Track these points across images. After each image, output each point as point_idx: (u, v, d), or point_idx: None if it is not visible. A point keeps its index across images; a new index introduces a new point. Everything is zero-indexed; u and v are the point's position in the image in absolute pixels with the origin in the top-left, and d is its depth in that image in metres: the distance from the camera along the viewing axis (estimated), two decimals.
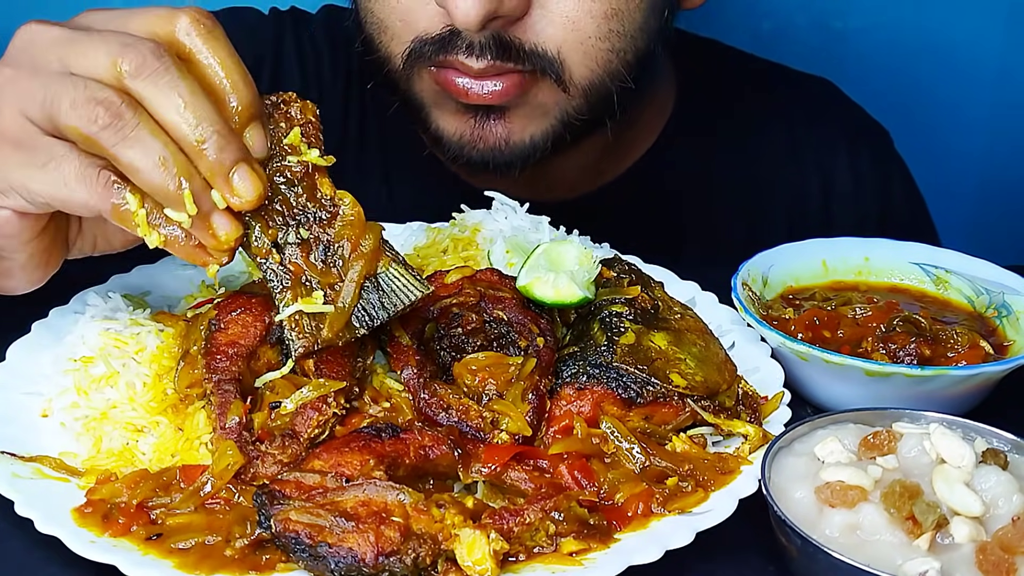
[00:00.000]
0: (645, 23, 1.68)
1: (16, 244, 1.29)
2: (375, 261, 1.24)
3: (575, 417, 1.28)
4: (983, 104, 2.62)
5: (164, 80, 1.17)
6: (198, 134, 1.17)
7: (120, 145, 1.17)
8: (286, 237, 1.24)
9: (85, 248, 1.39)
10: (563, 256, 1.42)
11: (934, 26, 2.57)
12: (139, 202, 1.19)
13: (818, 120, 2.08)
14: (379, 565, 1.07)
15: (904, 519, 1.10)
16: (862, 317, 1.46)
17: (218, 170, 1.19)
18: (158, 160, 1.17)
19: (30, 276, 1.35)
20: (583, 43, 1.62)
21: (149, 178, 1.17)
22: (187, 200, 1.18)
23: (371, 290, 1.23)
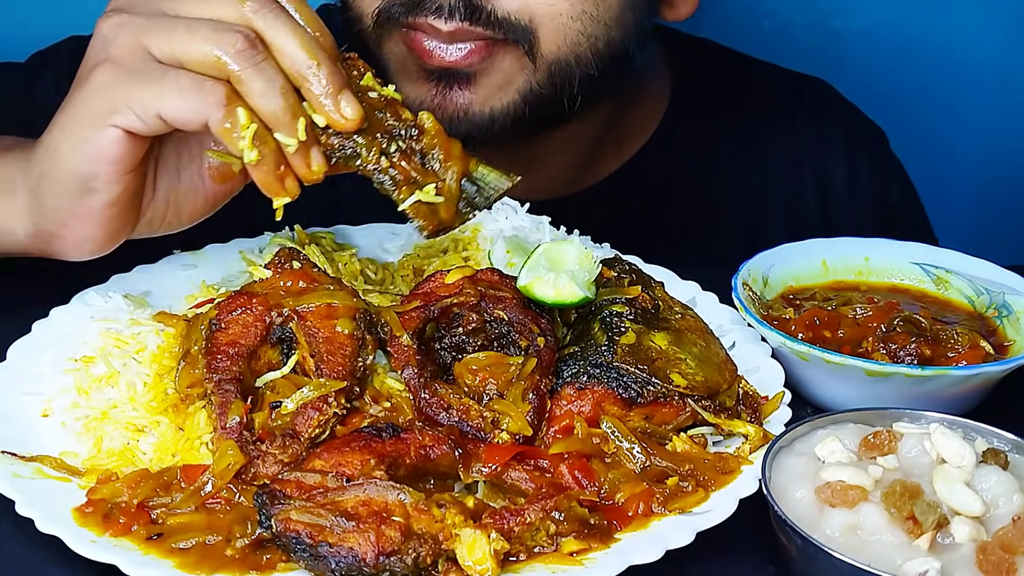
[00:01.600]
0: (621, 15, 1.68)
1: (113, 174, 1.33)
2: (466, 162, 1.40)
3: (575, 417, 1.28)
4: (983, 104, 2.62)
5: (282, 18, 1.31)
6: (311, 64, 1.30)
7: (251, 70, 1.28)
8: (387, 149, 1.38)
9: (155, 219, 1.42)
10: (564, 256, 1.42)
11: (934, 26, 2.56)
12: (249, 119, 1.29)
13: (815, 121, 2.08)
14: (380, 565, 1.07)
15: (904, 519, 1.10)
16: (862, 317, 1.46)
17: (328, 95, 1.31)
18: (280, 88, 1.29)
19: (103, 229, 1.37)
20: (554, 19, 1.62)
21: (271, 103, 1.29)
22: (300, 126, 1.30)
23: (468, 185, 1.40)
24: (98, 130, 1.31)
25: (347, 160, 1.36)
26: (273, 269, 1.41)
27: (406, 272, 1.61)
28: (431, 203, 1.37)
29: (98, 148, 1.31)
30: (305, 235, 1.62)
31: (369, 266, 1.62)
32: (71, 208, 1.36)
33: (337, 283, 1.40)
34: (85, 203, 1.35)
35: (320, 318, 1.32)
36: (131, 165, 1.34)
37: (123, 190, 1.35)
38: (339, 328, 1.31)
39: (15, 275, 1.63)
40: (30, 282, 1.58)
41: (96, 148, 1.31)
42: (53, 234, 1.39)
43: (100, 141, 1.31)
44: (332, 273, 1.51)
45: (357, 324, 1.32)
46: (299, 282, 1.38)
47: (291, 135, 1.30)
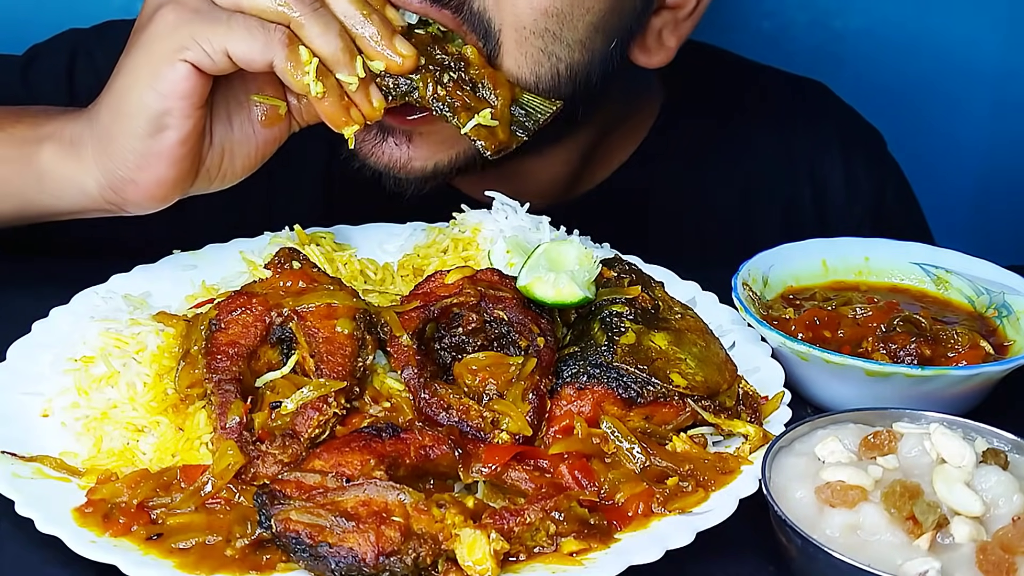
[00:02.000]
0: (587, 39, 1.62)
1: (185, 108, 1.40)
2: (512, 89, 1.54)
3: (575, 417, 1.28)
4: (983, 104, 2.61)
5: None
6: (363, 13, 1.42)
7: (311, 15, 1.39)
8: (440, 79, 1.49)
9: (212, 168, 1.49)
10: (563, 256, 1.42)
11: (934, 26, 2.56)
12: (310, 57, 1.40)
13: (811, 124, 2.07)
14: (379, 565, 1.07)
15: (904, 519, 1.10)
16: (862, 317, 1.46)
17: (383, 38, 1.43)
18: (337, 31, 1.41)
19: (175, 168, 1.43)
20: (518, 31, 1.57)
21: (331, 43, 1.40)
22: (359, 64, 1.42)
23: (516, 110, 1.53)
24: (170, 66, 1.38)
25: (404, 95, 1.47)
26: (273, 269, 1.41)
27: (406, 272, 1.61)
28: (489, 126, 1.48)
29: (171, 84, 1.38)
30: (305, 235, 1.62)
31: (369, 266, 1.62)
32: (145, 148, 1.41)
33: (337, 283, 1.40)
34: (159, 141, 1.41)
35: (320, 318, 1.32)
36: (200, 101, 1.41)
37: (193, 127, 1.42)
38: (339, 328, 1.31)
39: (15, 275, 1.63)
40: (30, 282, 1.59)
41: (168, 84, 1.38)
42: (126, 180, 1.44)
43: (172, 76, 1.38)
44: (332, 273, 1.52)
45: (357, 324, 1.32)
46: (299, 282, 1.38)
47: (351, 73, 1.41)
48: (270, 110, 1.49)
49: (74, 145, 1.47)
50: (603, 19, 1.64)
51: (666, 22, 1.77)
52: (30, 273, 1.65)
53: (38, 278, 1.61)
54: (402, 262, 1.63)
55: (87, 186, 1.47)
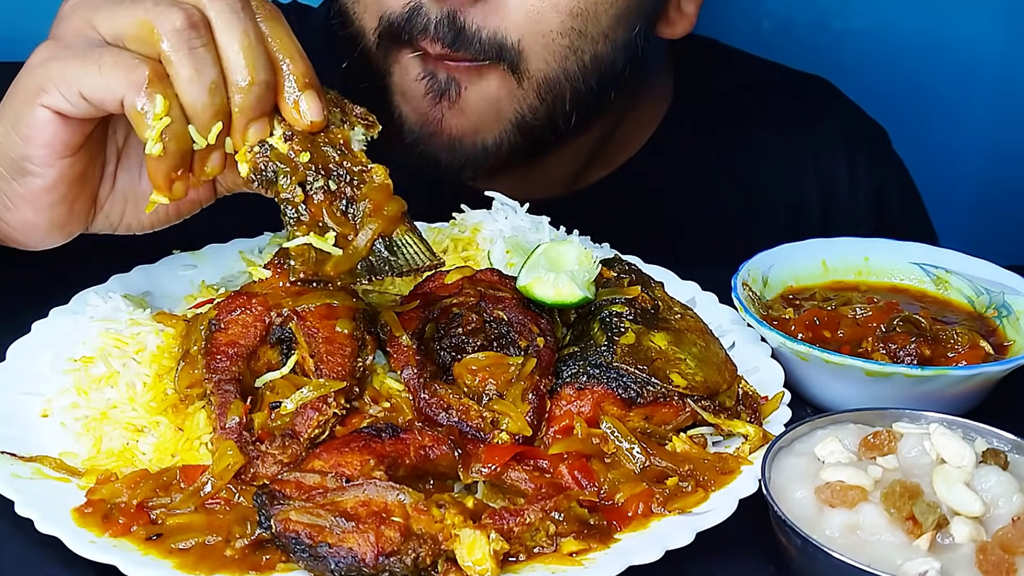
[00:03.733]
0: (611, 30, 1.67)
1: (46, 157, 1.28)
2: (393, 225, 1.31)
3: (575, 417, 1.28)
4: (983, 104, 2.61)
5: (239, 14, 1.24)
6: (252, 75, 1.25)
7: (185, 54, 1.22)
8: (314, 183, 1.30)
9: (112, 215, 1.38)
10: (563, 256, 1.42)
11: (934, 26, 2.56)
12: (165, 108, 1.23)
13: (816, 120, 2.08)
14: (379, 565, 1.07)
15: (904, 519, 1.10)
16: (862, 317, 1.46)
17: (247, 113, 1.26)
18: (209, 84, 1.23)
19: (44, 215, 1.32)
20: (544, 35, 1.62)
21: (195, 93, 1.23)
22: (214, 131, 1.26)
23: (382, 248, 1.30)
24: (29, 110, 1.26)
25: (267, 183, 1.30)
26: (273, 269, 1.41)
27: None
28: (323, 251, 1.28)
29: (28, 128, 1.27)
30: None
31: None
32: (9, 190, 1.31)
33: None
34: (22, 185, 1.30)
35: (319, 318, 1.32)
36: (65, 150, 1.28)
37: (60, 176, 1.29)
38: (339, 328, 1.31)
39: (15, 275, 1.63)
40: (30, 282, 1.59)
41: (27, 128, 1.27)
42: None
43: (30, 121, 1.26)
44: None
45: (357, 324, 1.32)
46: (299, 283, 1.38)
47: (203, 134, 1.26)
48: None
49: None
50: (626, 10, 1.68)
51: None
52: (30, 273, 1.65)
53: (38, 278, 1.61)
54: None
55: None
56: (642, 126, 1.99)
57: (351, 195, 1.30)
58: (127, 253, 1.59)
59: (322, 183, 1.29)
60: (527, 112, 1.69)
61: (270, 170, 1.29)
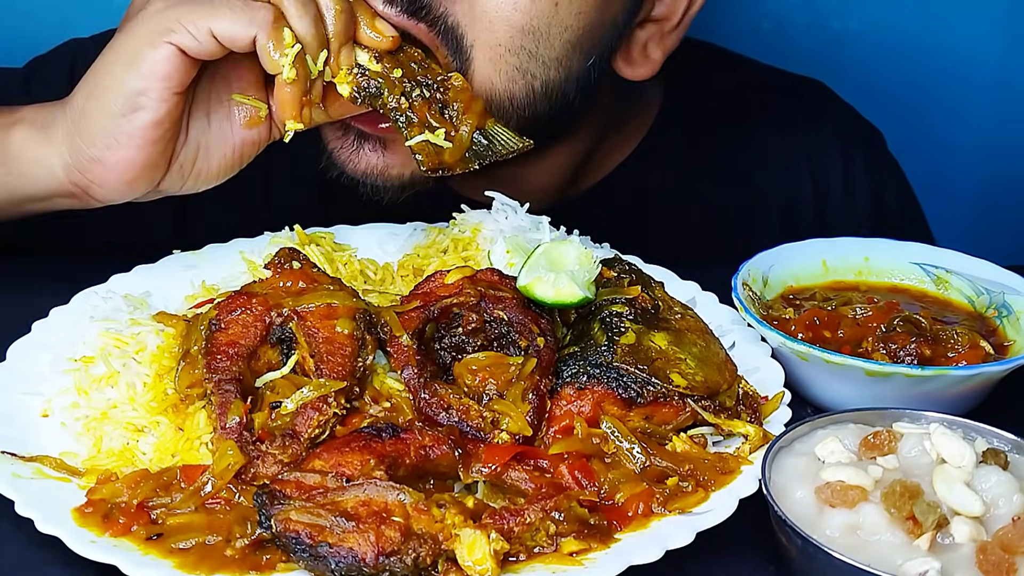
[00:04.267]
0: (564, 56, 1.61)
1: (163, 91, 1.41)
2: (483, 119, 1.53)
3: (575, 417, 1.28)
4: (983, 104, 2.62)
5: None
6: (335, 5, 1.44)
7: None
8: (411, 92, 1.50)
9: (186, 164, 1.49)
10: (563, 256, 1.42)
11: (934, 26, 2.56)
12: (293, 39, 1.41)
13: (811, 122, 2.07)
14: (379, 565, 1.07)
15: (904, 519, 1.10)
16: (862, 317, 1.46)
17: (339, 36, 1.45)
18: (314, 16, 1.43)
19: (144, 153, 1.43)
20: (492, 48, 1.56)
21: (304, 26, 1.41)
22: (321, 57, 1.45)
23: (481, 138, 1.53)
24: (154, 47, 1.39)
25: (371, 98, 1.48)
26: (273, 269, 1.41)
27: (406, 272, 1.61)
28: (438, 145, 1.49)
29: (152, 64, 1.39)
30: (305, 235, 1.62)
31: (369, 266, 1.62)
32: (116, 127, 1.42)
33: (337, 283, 1.40)
34: (131, 121, 1.41)
35: (320, 318, 1.32)
36: (180, 85, 1.41)
37: (168, 112, 1.42)
38: (339, 328, 1.31)
39: (15, 275, 1.63)
40: (30, 282, 1.59)
41: (150, 64, 1.39)
42: (93, 159, 1.44)
43: (155, 56, 1.39)
44: (332, 273, 1.52)
45: (357, 324, 1.32)
46: (299, 282, 1.38)
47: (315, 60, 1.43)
48: (251, 112, 1.50)
49: (45, 127, 1.49)
50: (581, 37, 1.62)
51: (651, 35, 1.75)
52: (30, 273, 1.65)
53: (38, 278, 1.61)
54: (402, 262, 1.63)
55: (53, 166, 1.47)
56: (632, 132, 1.97)
57: (443, 99, 1.51)
58: (127, 253, 1.60)
59: (418, 92, 1.50)
60: None
61: (372, 86, 1.48)
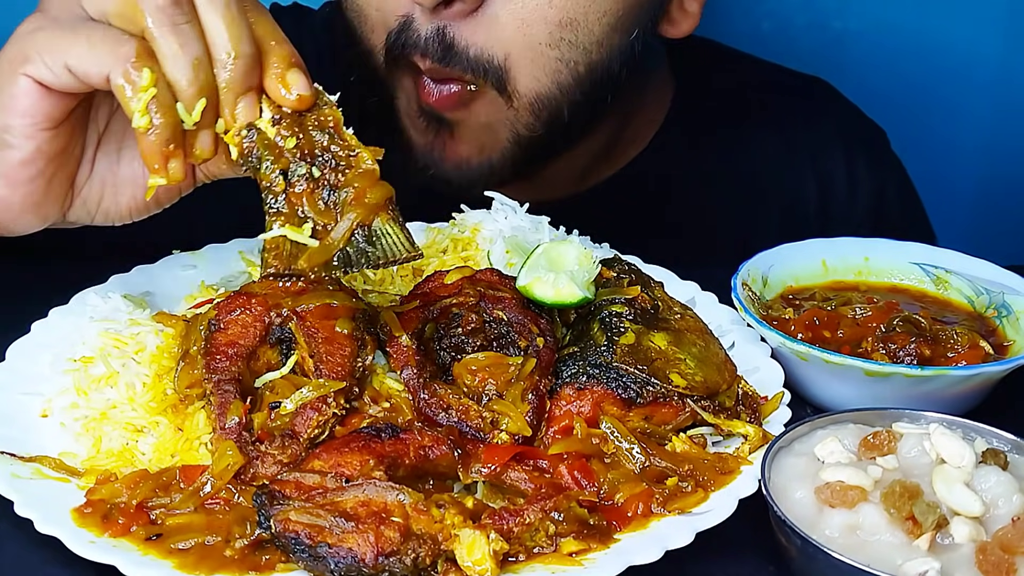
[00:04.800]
0: (605, 37, 1.65)
1: (26, 128, 1.27)
2: (373, 214, 1.27)
3: (575, 417, 1.28)
4: (983, 104, 2.62)
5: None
6: (235, 49, 1.24)
7: (168, 30, 1.21)
8: (296, 171, 1.27)
9: (90, 201, 1.37)
10: (563, 256, 1.42)
11: (934, 26, 2.56)
12: (152, 81, 1.22)
13: (814, 121, 2.08)
14: (379, 565, 1.07)
15: (904, 519, 1.10)
16: (862, 317, 1.46)
17: (233, 88, 1.25)
18: (194, 60, 1.23)
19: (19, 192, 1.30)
20: (532, 49, 1.60)
21: (179, 69, 1.22)
22: (199, 107, 1.24)
23: (361, 239, 1.26)
24: (11, 78, 1.25)
25: (252, 170, 1.28)
26: None
27: (406, 272, 1.61)
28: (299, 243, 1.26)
29: (9, 97, 1.26)
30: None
31: None
32: None
33: (337, 283, 1.40)
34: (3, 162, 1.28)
35: (319, 318, 1.32)
36: (46, 122, 1.27)
37: (37, 149, 1.28)
38: (338, 328, 1.31)
39: (15, 275, 1.63)
40: (30, 282, 1.59)
41: (8, 97, 1.26)
42: None
43: (12, 90, 1.26)
44: None
45: (356, 324, 1.32)
46: (299, 282, 1.38)
47: (188, 111, 1.24)
48: None
49: None
50: (621, 18, 1.66)
51: None
52: (30, 273, 1.65)
53: (38, 278, 1.61)
54: None
55: None
56: (646, 126, 1.99)
57: (334, 182, 1.27)
58: (127, 253, 1.60)
59: (305, 171, 1.27)
60: (522, 129, 1.68)
61: (255, 155, 1.28)
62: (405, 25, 1.59)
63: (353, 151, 1.29)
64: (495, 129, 1.68)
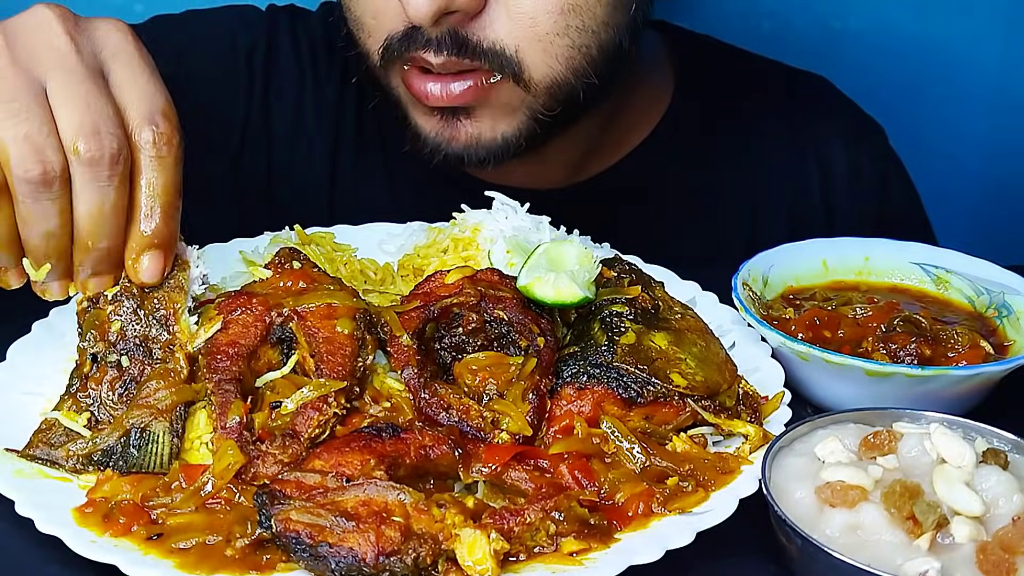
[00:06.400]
0: (609, 17, 1.66)
1: None
2: (156, 418, 1.24)
3: (575, 417, 1.28)
4: (983, 104, 2.62)
5: (100, 185, 1.22)
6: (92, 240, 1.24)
7: (29, 202, 1.21)
8: (108, 356, 1.28)
9: None
10: (563, 256, 1.42)
11: (934, 26, 2.56)
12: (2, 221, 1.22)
13: (815, 116, 2.08)
14: (380, 565, 1.07)
15: (904, 519, 1.10)
16: (862, 317, 1.46)
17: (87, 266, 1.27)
18: (44, 232, 1.23)
19: None
20: (541, 40, 1.61)
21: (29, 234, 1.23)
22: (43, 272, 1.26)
23: (134, 439, 1.23)
24: None
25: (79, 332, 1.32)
26: (273, 269, 1.41)
27: (406, 272, 1.61)
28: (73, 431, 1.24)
29: None
30: (305, 235, 1.62)
31: (369, 266, 1.62)
32: None
33: (337, 283, 1.40)
34: None
35: (320, 318, 1.32)
36: None
37: None
38: (339, 328, 1.31)
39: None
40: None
41: None
42: None
43: None
44: (332, 273, 1.51)
45: (357, 324, 1.32)
46: (299, 282, 1.38)
47: (33, 267, 1.26)
48: None
49: None
50: None
51: None
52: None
53: None
54: (402, 262, 1.63)
55: None
56: (643, 119, 1.99)
57: (137, 375, 1.27)
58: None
59: (115, 358, 1.27)
60: (542, 109, 1.70)
61: (81, 326, 1.31)
62: (412, 30, 1.60)
63: (171, 345, 1.29)
64: (513, 108, 1.69)
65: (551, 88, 1.66)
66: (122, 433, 1.23)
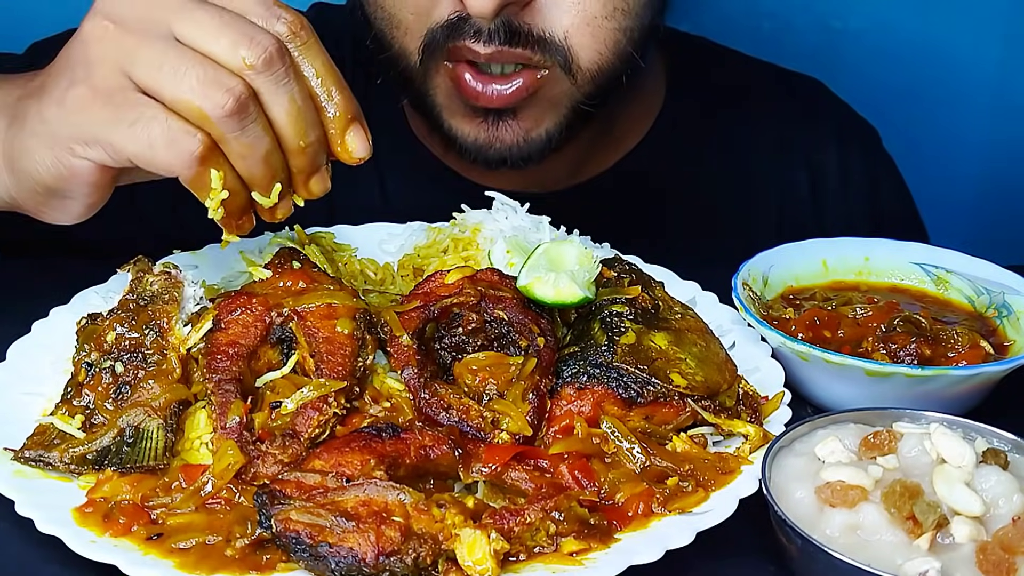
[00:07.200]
0: None
1: (87, 189, 1.30)
2: (150, 416, 1.25)
3: (575, 417, 1.28)
4: (983, 104, 2.62)
5: (283, 83, 1.24)
6: (303, 139, 1.27)
7: (238, 134, 1.22)
8: (101, 364, 1.29)
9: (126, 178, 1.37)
10: (563, 256, 1.42)
11: (934, 27, 2.57)
12: (220, 180, 1.24)
13: (808, 118, 2.09)
14: (380, 565, 1.07)
15: (904, 519, 1.10)
16: (862, 317, 1.46)
17: (307, 170, 1.29)
18: (263, 155, 1.25)
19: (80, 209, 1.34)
20: (590, 24, 1.63)
21: (252, 167, 1.25)
22: (275, 191, 1.28)
23: (128, 437, 1.23)
24: (72, 157, 1.27)
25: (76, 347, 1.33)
26: (273, 269, 1.41)
27: (406, 272, 1.61)
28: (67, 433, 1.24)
29: (71, 172, 1.28)
30: (305, 235, 1.62)
31: (369, 266, 1.62)
32: (48, 203, 1.33)
33: (337, 283, 1.40)
34: (62, 203, 1.33)
35: (320, 318, 1.32)
36: (105, 184, 1.31)
37: (99, 196, 1.33)
38: (339, 328, 1.31)
39: (15, 275, 1.63)
40: (30, 282, 1.59)
41: (69, 172, 1.28)
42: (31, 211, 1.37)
43: (74, 168, 1.27)
44: (332, 273, 1.51)
45: (357, 324, 1.32)
46: (299, 282, 1.38)
47: (265, 195, 1.28)
48: None
49: None
50: None
51: None
52: (30, 273, 1.65)
53: (38, 278, 1.61)
54: (402, 262, 1.63)
55: None
56: (635, 124, 1.99)
57: (131, 380, 1.27)
58: (127, 253, 1.59)
59: (110, 364, 1.28)
60: (583, 99, 1.71)
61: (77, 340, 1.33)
62: (459, 20, 1.60)
63: (164, 350, 1.30)
64: (557, 102, 1.70)
65: (597, 75, 1.68)
66: (116, 432, 1.23)
